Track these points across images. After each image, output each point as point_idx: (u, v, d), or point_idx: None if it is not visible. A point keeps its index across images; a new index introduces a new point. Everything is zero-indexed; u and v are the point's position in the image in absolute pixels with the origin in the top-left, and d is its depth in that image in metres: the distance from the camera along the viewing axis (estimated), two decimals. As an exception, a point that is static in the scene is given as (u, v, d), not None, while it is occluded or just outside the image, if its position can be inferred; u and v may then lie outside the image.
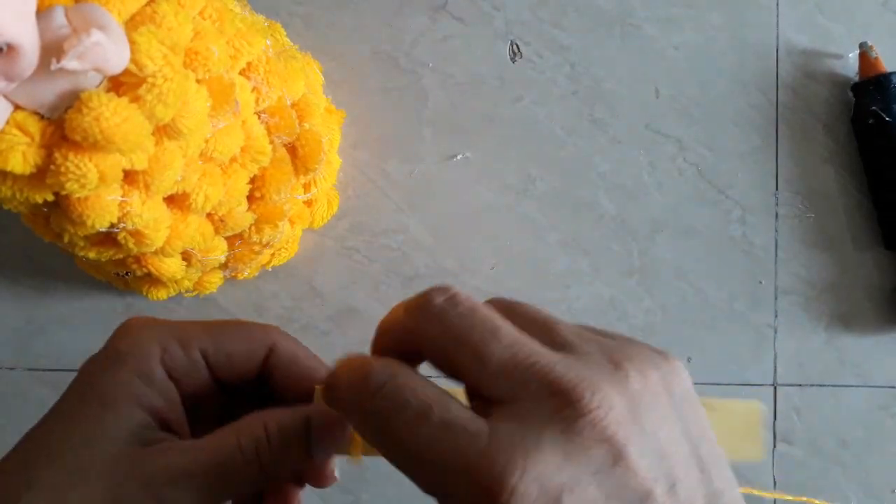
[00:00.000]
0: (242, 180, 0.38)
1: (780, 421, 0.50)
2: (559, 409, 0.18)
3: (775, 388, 0.50)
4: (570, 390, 0.19)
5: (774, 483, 0.49)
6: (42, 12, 0.27)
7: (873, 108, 0.48)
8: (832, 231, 0.51)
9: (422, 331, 0.21)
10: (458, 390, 0.22)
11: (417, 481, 0.20)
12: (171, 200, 0.37)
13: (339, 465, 0.27)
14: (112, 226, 0.34)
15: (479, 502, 0.18)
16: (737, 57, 0.51)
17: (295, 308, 0.50)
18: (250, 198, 0.40)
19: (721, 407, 0.26)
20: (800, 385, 0.50)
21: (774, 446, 0.50)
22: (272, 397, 0.27)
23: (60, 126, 0.30)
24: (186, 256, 0.41)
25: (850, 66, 0.51)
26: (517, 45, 0.51)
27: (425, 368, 0.22)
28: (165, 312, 0.49)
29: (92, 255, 0.38)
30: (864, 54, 0.49)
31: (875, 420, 0.50)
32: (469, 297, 0.21)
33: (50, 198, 0.32)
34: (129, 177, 0.33)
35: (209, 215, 0.39)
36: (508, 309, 0.22)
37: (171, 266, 0.41)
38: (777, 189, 0.51)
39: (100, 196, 0.32)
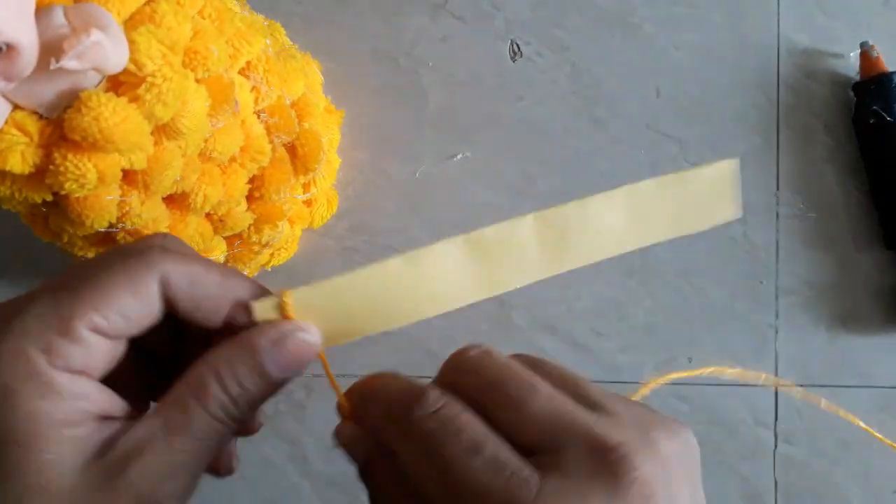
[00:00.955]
0: (242, 180, 0.38)
1: (780, 421, 0.50)
2: (603, 467, 0.19)
3: (776, 388, 0.50)
4: (613, 449, 0.19)
5: (775, 483, 0.49)
6: (41, 11, 0.27)
7: (874, 107, 0.48)
8: (833, 231, 0.50)
9: (458, 383, 0.22)
10: None
11: None
12: (170, 200, 0.37)
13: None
14: (111, 226, 0.34)
15: None
16: (737, 56, 0.51)
17: (295, 308, 0.49)
18: (249, 198, 0.40)
19: (694, 177, 0.26)
20: (801, 385, 0.50)
21: (776, 446, 0.50)
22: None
23: (59, 126, 0.30)
24: (186, 256, 0.41)
25: (851, 65, 0.51)
26: (517, 45, 0.51)
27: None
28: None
29: (91, 255, 0.38)
30: (865, 54, 0.49)
31: (876, 420, 0.50)
32: (501, 353, 0.22)
33: (49, 197, 0.32)
34: (128, 176, 0.33)
35: (208, 215, 0.39)
36: (536, 366, 0.22)
37: (170, 266, 0.41)
38: (778, 189, 0.51)
39: (99, 196, 0.32)
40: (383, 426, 0.22)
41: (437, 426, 0.20)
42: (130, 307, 0.22)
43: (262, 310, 0.23)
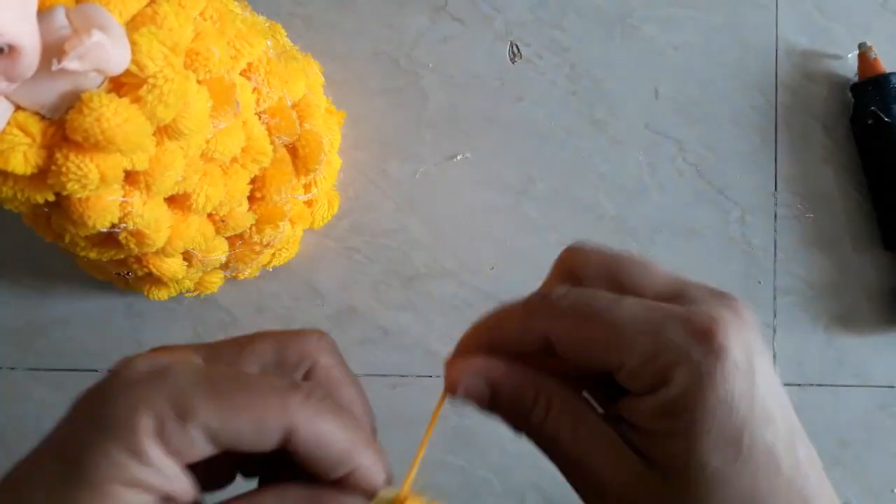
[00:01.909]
0: (243, 181, 0.38)
1: (779, 421, 0.50)
2: (724, 301, 0.22)
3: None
4: (725, 293, 0.23)
5: (774, 483, 0.49)
6: (43, 13, 0.27)
7: (872, 108, 0.48)
8: (831, 231, 0.51)
9: (579, 267, 0.25)
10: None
11: (621, 350, 0.22)
12: (172, 201, 0.37)
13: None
14: (113, 226, 0.34)
15: (693, 345, 0.21)
16: (736, 57, 0.51)
17: (295, 308, 0.50)
18: (251, 198, 0.40)
19: None
20: (799, 385, 0.50)
21: (774, 446, 0.50)
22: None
23: (61, 126, 0.30)
24: (187, 256, 0.41)
25: (849, 66, 0.51)
26: (517, 46, 0.51)
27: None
28: (166, 312, 0.49)
29: (93, 255, 0.38)
30: (864, 55, 0.49)
31: (874, 420, 0.50)
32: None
33: (51, 198, 0.32)
34: (130, 177, 0.33)
35: (210, 215, 0.39)
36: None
37: (172, 266, 0.41)
38: (776, 189, 0.51)
39: (101, 196, 0.33)
40: (527, 326, 0.24)
41: (578, 299, 0.23)
42: (245, 440, 0.22)
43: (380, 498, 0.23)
